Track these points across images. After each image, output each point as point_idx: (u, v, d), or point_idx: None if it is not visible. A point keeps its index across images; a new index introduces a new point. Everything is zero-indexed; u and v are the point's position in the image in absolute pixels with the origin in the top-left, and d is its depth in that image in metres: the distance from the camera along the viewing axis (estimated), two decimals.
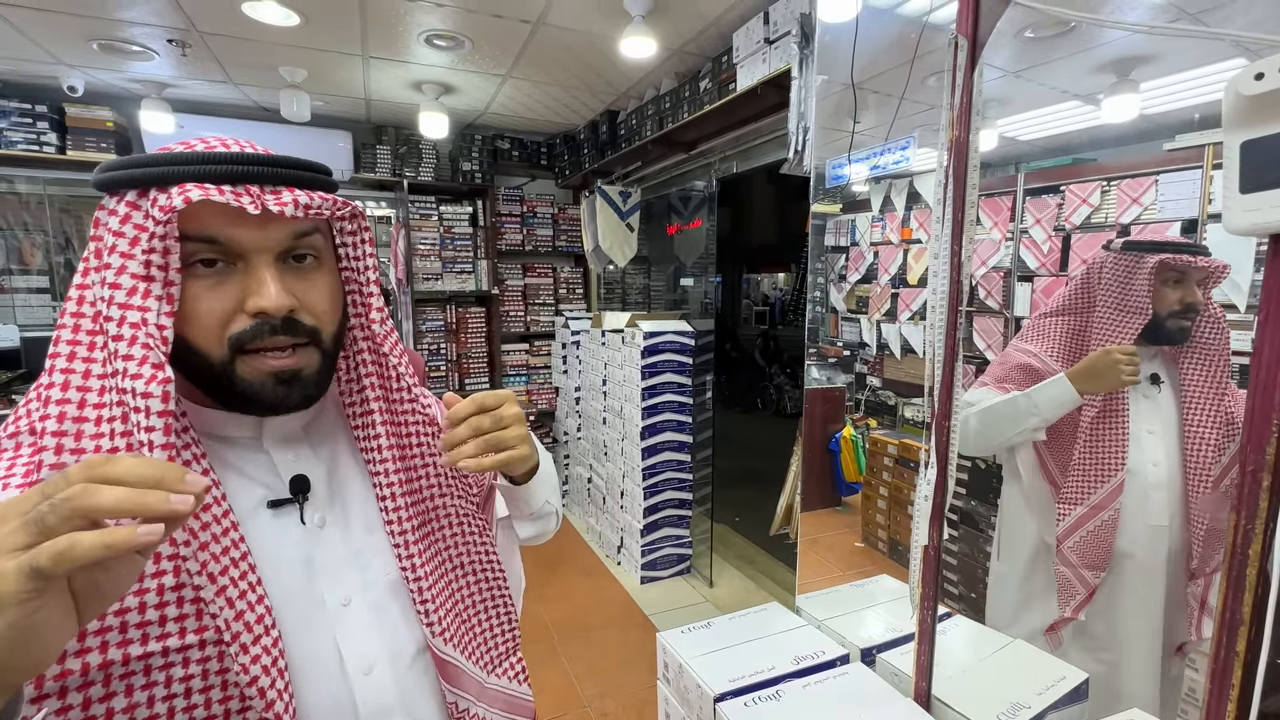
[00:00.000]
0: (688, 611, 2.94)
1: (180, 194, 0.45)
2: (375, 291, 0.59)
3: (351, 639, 0.56)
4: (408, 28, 2.56)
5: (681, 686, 0.90)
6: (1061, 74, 1.98)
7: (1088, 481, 1.17)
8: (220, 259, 0.50)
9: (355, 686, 0.55)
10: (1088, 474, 1.17)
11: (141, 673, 0.45)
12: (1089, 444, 1.17)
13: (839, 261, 3.22)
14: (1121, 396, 1.17)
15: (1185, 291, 1.13)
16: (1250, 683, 0.49)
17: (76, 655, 0.43)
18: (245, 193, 0.47)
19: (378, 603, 0.58)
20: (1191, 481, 1.14)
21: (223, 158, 0.48)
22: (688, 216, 3.98)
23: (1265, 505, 0.48)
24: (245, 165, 0.48)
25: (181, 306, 0.48)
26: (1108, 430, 1.17)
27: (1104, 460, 1.17)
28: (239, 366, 0.50)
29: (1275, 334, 0.47)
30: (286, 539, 0.55)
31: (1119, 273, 1.16)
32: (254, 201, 0.47)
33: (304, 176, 0.51)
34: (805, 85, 1.89)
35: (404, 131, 3.92)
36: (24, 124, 3.15)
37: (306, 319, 0.52)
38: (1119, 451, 1.16)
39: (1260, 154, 0.45)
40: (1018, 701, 0.78)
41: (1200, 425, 1.15)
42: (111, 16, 2.44)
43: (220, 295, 0.50)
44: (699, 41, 2.68)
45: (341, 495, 0.60)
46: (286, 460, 0.57)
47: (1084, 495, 1.17)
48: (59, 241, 3.59)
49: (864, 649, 0.93)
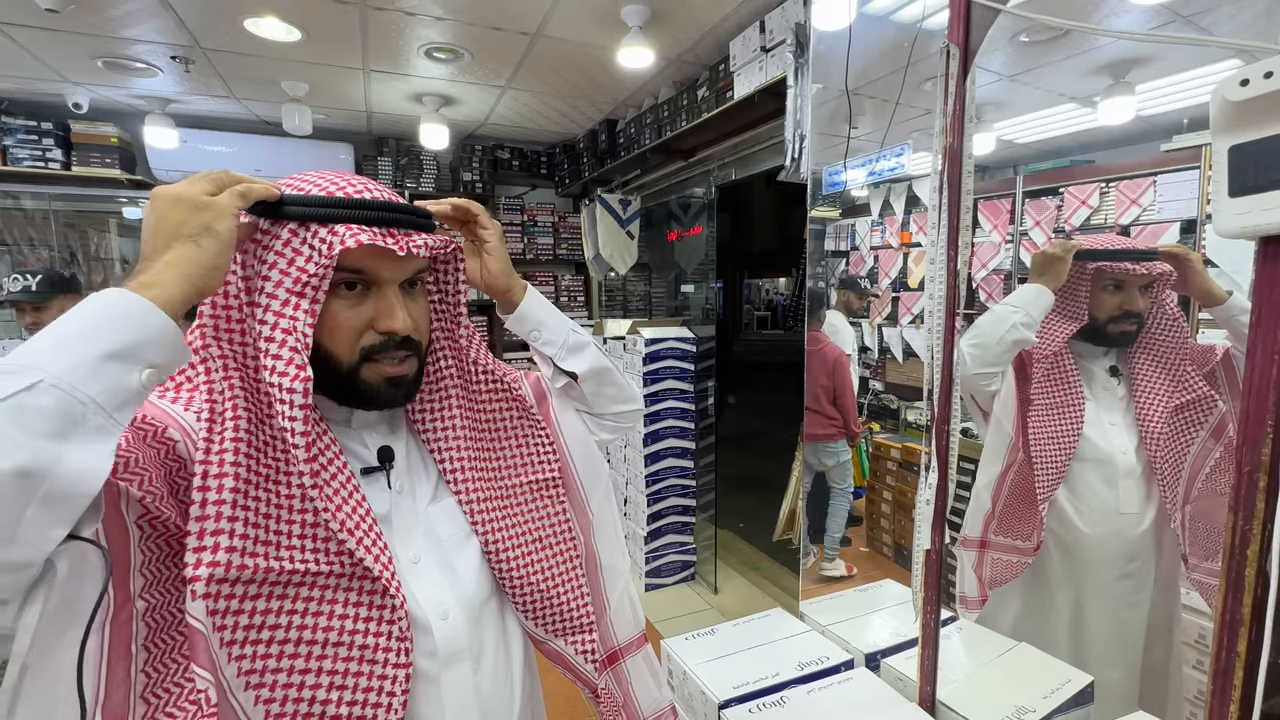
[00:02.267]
0: (693, 618, 2.93)
1: (351, 236, 0.56)
2: (464, 310, 0.73)
3: (426, 589, 0.65)
4: (408, 41, 2.59)
5: (686, 694, 0.90)
6: (1057, 77, 1.99)
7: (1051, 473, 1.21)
8: (360, 284, 0.61)
9: (436, 629, 0.64)
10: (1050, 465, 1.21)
11: (286, 585, 0.55)
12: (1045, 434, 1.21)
13: (839, 266, 3.22)
14: (1072, 391, 1.21)
15: (1125, 298, 1.16)
16: (1252, 683, 0.49)
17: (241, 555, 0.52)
18: (389, 235, 0.59)
19: (445, 561, 0.68)
20: (1158, 470, 1.15)
21: (374, 205, 0.60)
22: (688, 223, 3.99)
23: (1262, 506, 0.48)
24: (391, 212, 0.60)
25: (326, 319, 0.59)
26: (1061, 423, 1.21)
27: (1062, 451, 1.21)
28: (363, 371, 0.62)
29: (1268, 335, 0.47)
30: (376, 502, 0.64)
31: (1068, 279, 1.20)
32: (399, 244, 0.59)
33: (420, 221, 0.63)
34: (801, 93, 1.91)
35: (405, 143, 3.95)
36: (30, 141, 3.19)
37: (415, 335, 0.64)
38: (1071, 443, 1.20)
39: (1248, 158, 0.46)
40: (1023, 705, 0.78)
41: (1149, 419, 1.17)
42: (116, 35, 2.48)
43: (357, 314, 0.61)
44: (696, 51, 2.70)
45: (410, 469, 0.70)
46: (374, 437, 0.68)
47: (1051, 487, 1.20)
48: (64, 256, 3.61)
49: (868, 654, 0.93)
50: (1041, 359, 1.21)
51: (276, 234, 0.58)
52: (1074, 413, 1.21)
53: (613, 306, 4.64)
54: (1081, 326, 1.19)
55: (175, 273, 0.47)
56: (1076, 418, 1.20)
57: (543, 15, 2.36)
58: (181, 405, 0.56)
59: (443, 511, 0.69)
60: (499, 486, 0.73)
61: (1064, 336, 1.20)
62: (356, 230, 0.57)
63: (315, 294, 0.57)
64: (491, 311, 4.26)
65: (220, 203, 0.50)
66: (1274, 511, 0.47)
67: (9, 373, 0.39)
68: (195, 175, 0.52)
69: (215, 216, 0.49)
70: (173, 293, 0.47)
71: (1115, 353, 1.25)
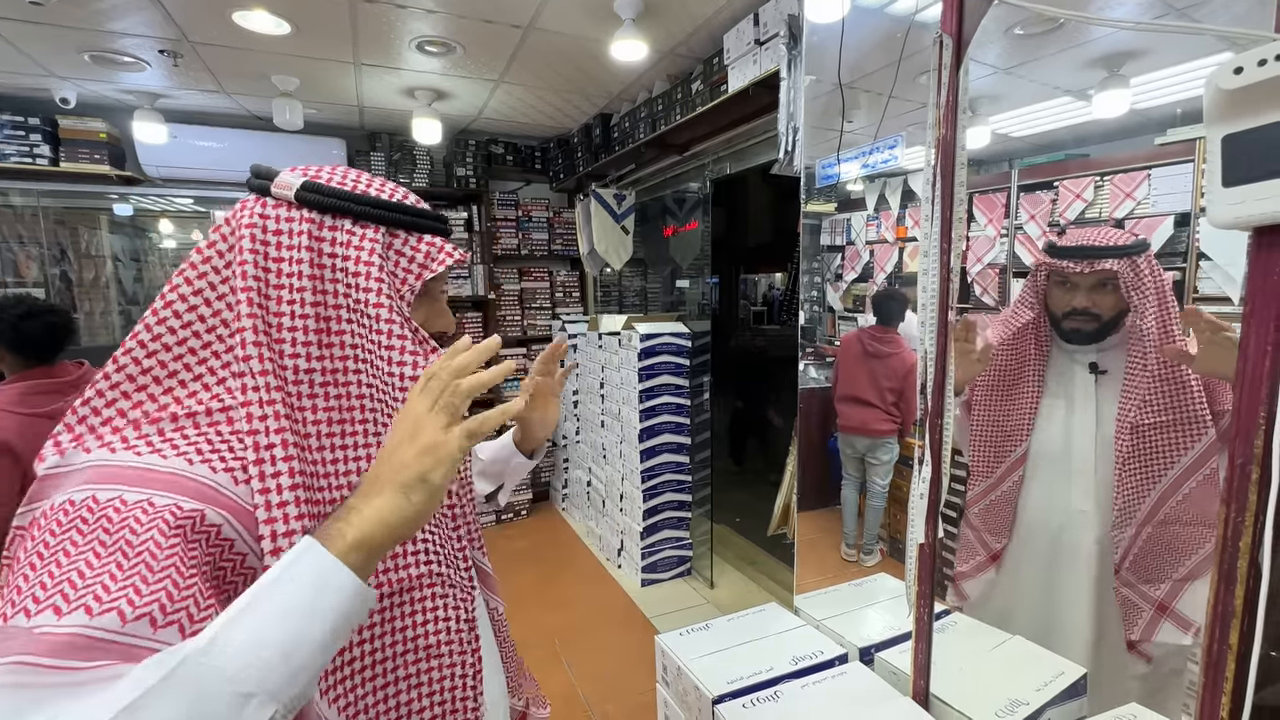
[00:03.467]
0: (689, 613, 2.93)
1: (450, 257, 0.64)
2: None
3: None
4: (399, 34, 2.57)
5: (680, 689, 0.90)
6: (1052, 70, 1.99)
7: (989, 454, 1.25)
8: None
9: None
10: (990, 447, 1.25)
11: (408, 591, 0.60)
12: (988, 417, 1.25)
13: (835, 261, 3.22)
14: (1027, 377, 1.23)
15: (1074, 296, 1.18)
16: (1244, 675, 0.49)
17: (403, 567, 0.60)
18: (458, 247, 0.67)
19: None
20: (1119, 477, 1.13)
21: (443, 218, 0.67)
22: (683, 218, 3.98)
23: (1254, 498, 0.48)
24: (444, 223, 0.67)
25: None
26: (1010, 408, 1.24)
27: (1008, 435, 1.24)
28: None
29: (1261, 327, 0.47)
30: None
31: (1030, 275, 1.25)
32: (461, 259, 0.66)
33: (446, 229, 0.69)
34: (794, 86, 1.89)
35: (398, 138, 3.92)
36: (17, 136, 3.15)
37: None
38: (1022, 427, 1.23)
39: (1241, 148, 0.45)
40: (1016, 698, 0.78)
41: (1120, 429, 1.15)
42: (102, 28, 2.44)
43: (418, 315, 0.65)
44: (690, 44, 2.68)
45: None
46: None
47: (988, 469, 1.24)
48: (54, 254, 3.58)
49: (862, 648, 0.93)
50: (1001, 346, 1.24)
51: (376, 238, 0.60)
52: (1021, 404, 1.23)
53: (608, 302, 4.63)
54: (1034, 318, 1.23)
55: (384, 530, 0.46)
56: (1023, 409, 1.22)
57: (535, 8, 2.34)
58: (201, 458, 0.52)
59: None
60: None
61: (1015, 325, 1.23)
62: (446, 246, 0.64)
63: (412, 294, 0.62)
64: (486, 308, 4.25)
65: (447, 450, 0.48)
66: (1266, 504, 0.47)
67: (248, 695, 0.39)
68: (433, 384, 0.50)
69: (435, 464, 0.48)
70: (375, 554, 0.47)
71: (1095, 348, 1.24)
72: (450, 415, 0.49)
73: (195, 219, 4.16)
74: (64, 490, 0.47)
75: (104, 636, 0.41)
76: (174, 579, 0.45)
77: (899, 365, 2.37)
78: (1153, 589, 1.14)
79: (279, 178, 0.59)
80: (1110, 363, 1.21)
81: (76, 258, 3.69)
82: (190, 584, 0.45)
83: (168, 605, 0.44)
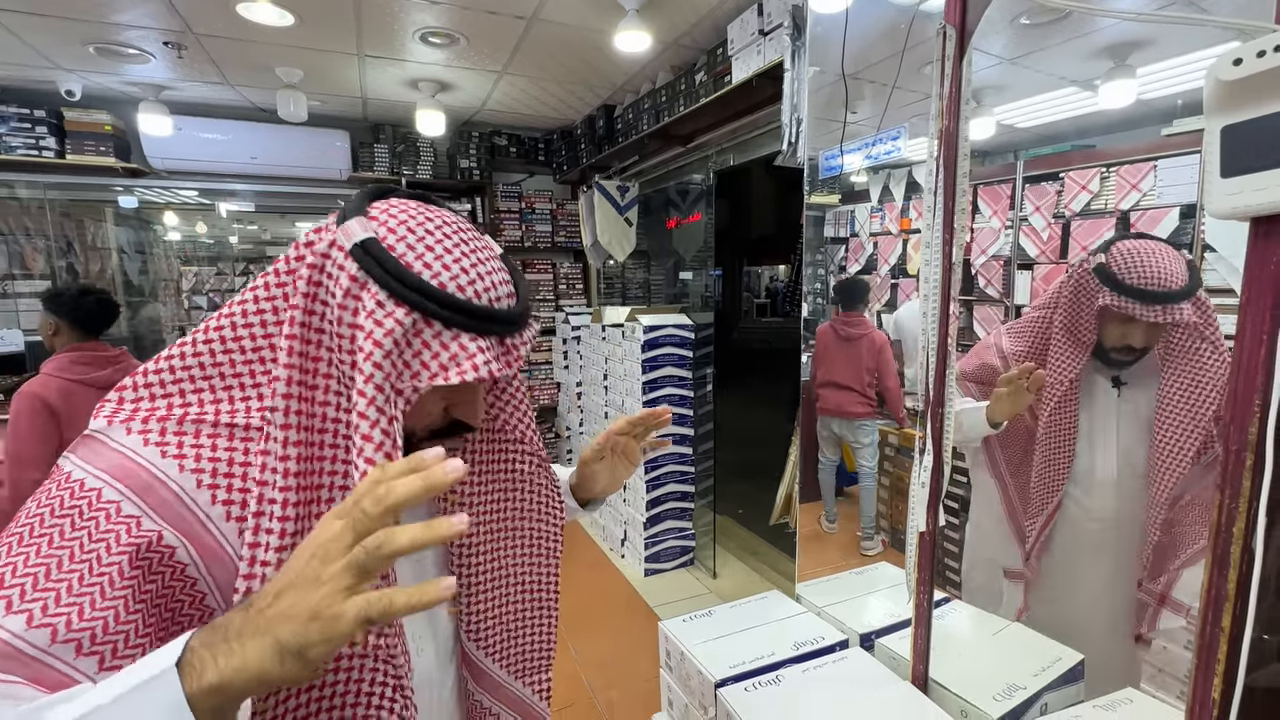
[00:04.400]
0: (691, 602, 2.96)
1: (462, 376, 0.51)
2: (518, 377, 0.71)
3: (409, 622, 0.64)
4: (402, 26, 2.56)
5: (683, 673, 0.92)
6: (1058, 60, 1.97)
7: (1049, 484, 1.20)
8: None
9: (412, 660, 0.63)
10: (1048, 476, 1.20)
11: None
12: (1047, 449, 1.20)
13: (839, 253, 3.21)
14: (1069, 403, 1.18)
15: (1128, 332, 1.10)
16: (1235, 657, 0.50)
17: None
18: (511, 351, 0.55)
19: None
20: (1154, 485, 1.12)
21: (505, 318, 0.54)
22: (686, 210, 3.98)
23: (1249, 484, 0.49)
24: (505, 325, 0.54)
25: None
26: (1063, 434, 1.19)
27: (1062, 462, 1.20)
28: (420, 444, 0.57)
29: (1257, 316, 0.47)
30: None
31: (1078, 295, 1.13)
32: (512, 361, 0.55)
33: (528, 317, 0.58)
34: (798, 77, 1.89)
35: (401, 130, 3.92)
36: (23, 129, 3.16)
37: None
38: (1070, 450, 1.19)
39: (1240, 138, 0.46)
40: (1014, 683, 0.80)
41: (1164, 428, 1.12)
42: (107, 20, 2.45)
43: (434, 398, 0.57)
44: (694, 34, 2.67)
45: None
46: None
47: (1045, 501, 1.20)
48: (60, 246, 3.60)
49: (863, 634, 0.94)
50: (1053, 390, 1.17)
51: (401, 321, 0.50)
52: (1067, 426, 1.19)
53: (611, 294, 4.63)
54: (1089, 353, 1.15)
55: (245, 681, 0.38)
56: (1069, 432, 1.19)
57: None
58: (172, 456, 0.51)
59: (435, 550, 0.68)
60: (493, 527, 0.70)
61: (1076, 364, 1.15)
62: (479, 358, 0.51)
63: (415, 395, 0.52)
64: None
65: (336, 630, 0.38)
66: (1260, 490, 0.48)
67: None
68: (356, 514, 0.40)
69: (320, 640, 0.38)
70: (234, 700, 0.39)
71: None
72: (357, 576, 0.39)
73: (199, 211, 4.18)
74: (79, 452, 0.51)
75: (25, 649, 0.41)
76: (119, 610, 0.45)
77: (870, 344, 2.59)
78: (1155, 584, 1.15)
79: (357, 218, 0.53)
80: (1130, 375, 1.20)
81: (82, 250, 3.71)
82: (132, 618, 0.45)
83: (99, 635, 0.44)
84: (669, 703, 0.99)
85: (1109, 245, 1.11)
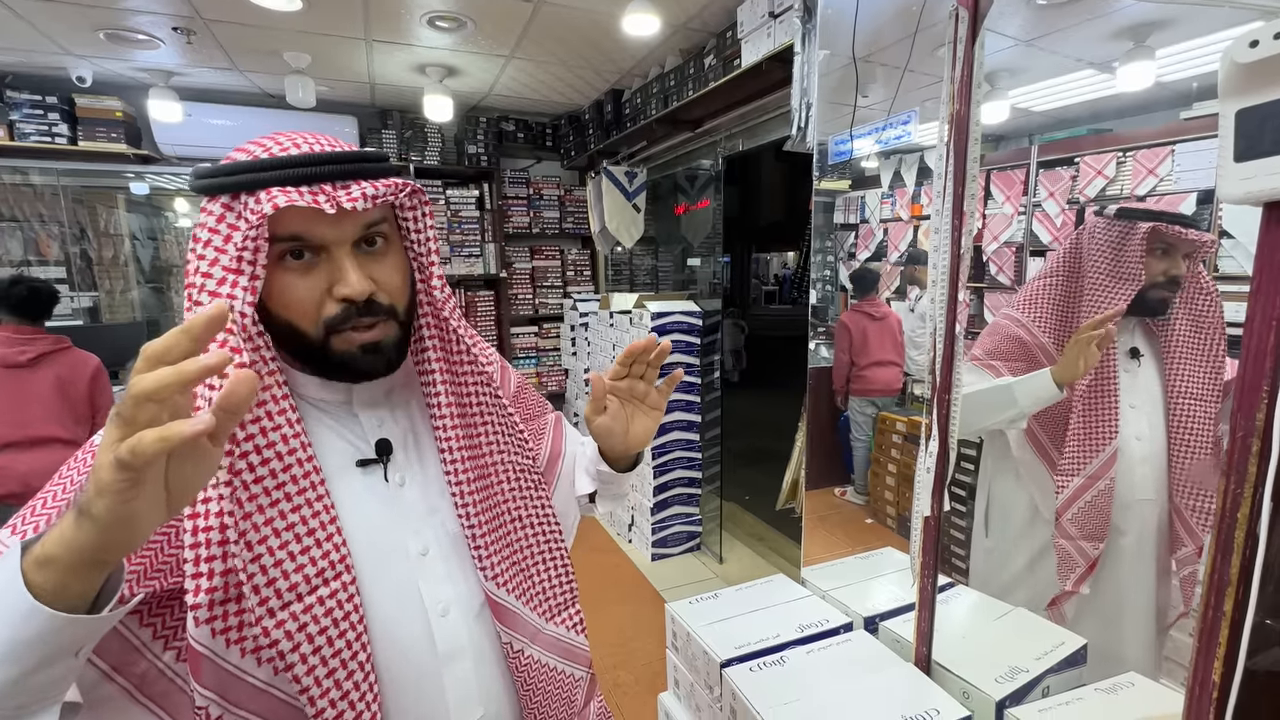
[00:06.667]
0: (698, 586, 2.99)
1: (269, 200, 0.51)
2: (436, 261, 0.64)
3: (430, 585, 0.63)
4: (409, 10, 2.55)
5: (690, 654, 0.93)
6: (1075, 42, 1.93)
7: (1083, 452, 1.17)
8: (306, 251, 0.56)
9: (434, 627, 0.62)
10: (1083, 444, 1.17)
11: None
12: (1084, 415, 1.17)
13: (848, 239, 3.19)
14: (1109, 365, 1.16)
15: (1170, 263, 1.12)
16: (1237, 641, 0.50)
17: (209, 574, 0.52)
18: (321, 192, 0.53)
19: (448, 553, 0.65)
20: (1176, 455, 1.13)
21: (297, 160, 0.54)
22: (695, 196, 3.95)
23: (1254, 470, 0.49)
24: (318, 166, 0.54)
25: (280, 294, 0.56)
26: (1099, 400, 1.17)
27: (1098, 430, 1.17)
28: (332, 342, 0.58)
29: (1267, 301, 0.47)
30: (372, 495, 0.63)
31: (1111, 239, 1.14)
32: (330, 201, 0.53)
33: (368, 167, 0.57)
34: (808, 60, 1.86)
35: (409, 115, 3.91)
36: (36, 116, 3.19)
37: (383, 298, 0.59)
38: (1111, 420, 1.16)
39: (1255, 122, 0.45)
40: (1016, 666, 0.80)
41: (1187, 397, 1.13)
42: (116, 5, 2.45)
43: (310, 283, 0.56)
44: (703, 17, 2.64)
45: (419, 456, 0.67)
46: (373, 424, 0.65)
47: (1080, 466, 1.17)
48: (74, 232, 3.64)
49: (867, 617, 0.95)
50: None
51: (210, 209, 0.54)
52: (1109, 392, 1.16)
53: (619, 280, 4.63)
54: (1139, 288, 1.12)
55: (65, 551, 0.39)
56: (1111, 398, 1.16)
57: None
58: None
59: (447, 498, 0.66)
60: (479, 465, 0.68)
61: (1125, 299, 1.12)
62: (276, 193, 0.51)
63: (253, 269, 0.52)
64: (498, 287, 4.27)
65: (98, 478, 0.37)
66: (1265, 476, 0.48)
67: None
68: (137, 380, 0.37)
69: (96, 494, 0.38)
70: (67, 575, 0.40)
71: (1137, 333, 1.22)
72: (122, 428, 0.37)
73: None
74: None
75: None
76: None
77: (894, 322, 2.74)
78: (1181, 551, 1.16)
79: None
80: (1145, 347, 1.20)
81: (95, 236, 3.75)
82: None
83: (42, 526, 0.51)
84: (675, 683, 1.00)
85: (1100, 208, 1.16)
